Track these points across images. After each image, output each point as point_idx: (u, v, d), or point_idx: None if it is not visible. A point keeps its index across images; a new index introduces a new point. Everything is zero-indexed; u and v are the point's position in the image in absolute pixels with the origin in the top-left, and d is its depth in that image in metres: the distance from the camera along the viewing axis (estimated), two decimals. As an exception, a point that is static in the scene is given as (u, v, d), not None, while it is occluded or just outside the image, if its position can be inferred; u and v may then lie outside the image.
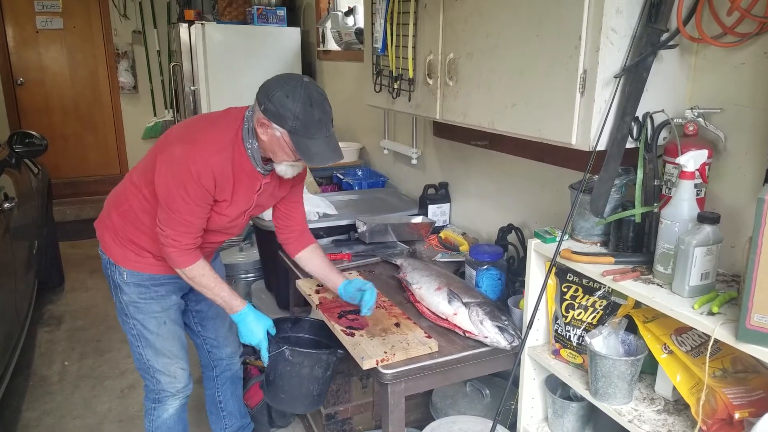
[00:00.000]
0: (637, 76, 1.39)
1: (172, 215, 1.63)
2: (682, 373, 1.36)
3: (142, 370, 1.93)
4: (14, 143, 3.36)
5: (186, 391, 1.97)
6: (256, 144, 1.65)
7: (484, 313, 1.72)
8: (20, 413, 2.69)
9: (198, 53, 3.90)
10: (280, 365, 1.76)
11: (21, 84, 5.89)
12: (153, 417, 1.97)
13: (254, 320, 1.75)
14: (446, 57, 1.88)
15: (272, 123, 1.55)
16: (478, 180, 2.48)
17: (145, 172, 1.75)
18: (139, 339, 1.87)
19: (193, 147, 1.61)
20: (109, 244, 1.83)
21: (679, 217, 1.33)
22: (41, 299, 3.81)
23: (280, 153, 1.61)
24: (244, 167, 1.68)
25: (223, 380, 2.20)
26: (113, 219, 1.82)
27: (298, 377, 1.77)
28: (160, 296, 1.86)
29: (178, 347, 1.92)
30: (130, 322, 1.86)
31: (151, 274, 1.82)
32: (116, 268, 1.81)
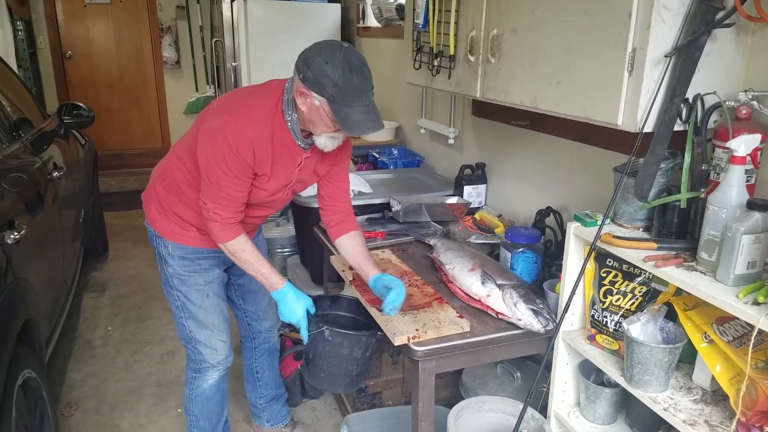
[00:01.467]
0: (689, 56, 1.33)
1: (213, 188, 1.64)
2: (722, 363, 1.33)
3: (185, 340, 1.97)
4: (63, 114, 3.45)
5: (226, 363, 2.01)
6: (296, 116, 1.62)
7: (519, 295, 1.71)
8: (65, 374, 2.82)
9: (240, 29, 3.93)
10: (320, 345, 1.76)
11: (69, 57, 6.05)
12: (193, 386, 2.02)
13: (294, 299, 1.74)
14: (489, 33, 1.85)
15: (311, 92, 1.52)
16: (517, 161, 2.45)
17: (188, 145, 1.77)
18: (182, 310, 1.90)
19: (230, 118, 1.60)
20: (155, 217, 1.85)
21: (726, 204, 1.28)
22: (86, 266, 3.95)
23: (319, 124, 1.57)
24: (284, 140, 1.65)
25: (261, 352, 2.25)
26: (158, 191, 1.85)
27: (337, 357, 1.77)
28: (204, 269, 1.88)
29: (220, 320, 1.95)
30: (174, 293, 1.89)
31: (195, 248, 1.85)
32: (161, 240, 1.84)
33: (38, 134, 2.94)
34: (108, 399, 2.63)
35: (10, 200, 2.12)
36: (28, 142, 2.71)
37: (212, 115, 1.66)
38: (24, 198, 2.28)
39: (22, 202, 2.22)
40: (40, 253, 2.30)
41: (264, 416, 2.32)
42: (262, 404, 2.31)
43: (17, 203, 2.17)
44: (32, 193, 2.41)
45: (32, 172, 2.52)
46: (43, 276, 2.32)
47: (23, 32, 5.22)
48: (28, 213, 2.23)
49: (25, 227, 2.01)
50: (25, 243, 2.02)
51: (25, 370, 1.82)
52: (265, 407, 2.31)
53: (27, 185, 2.39)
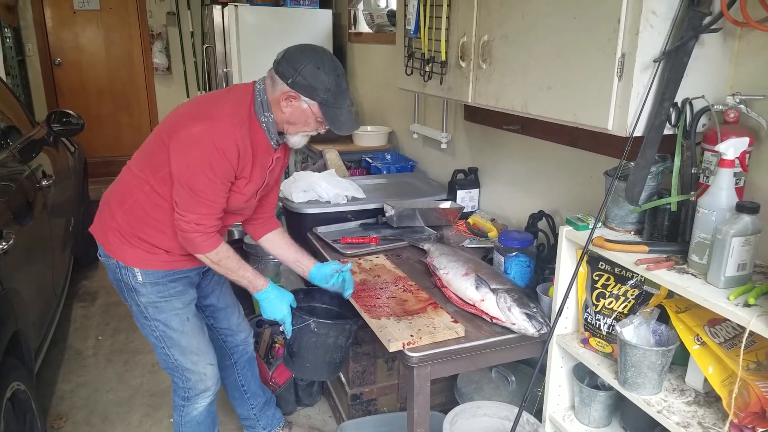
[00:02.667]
0: (677, 60, 1.35)
1: (195, 197, 1.59)
2: (714, 365, 1.34)
3: (170, 369, 1.88)
4: (52, 122, 3.43)
5: (215, 388, 1.95)
6: (272, 117, 1.65)
7: (512, 299, 1.71)
8: (55, 385, 2.79)
9: (231, 35, 3.94)
10: (305, 337, 1.79)
11: (59, 64, 6.02)
12: (183, 413, 1.96)
13: (277, 296, 1.76)
14: (480, 39, 1.86)
15: (301, 96, 1.58)
16: (509, 165, 2.46)
17: (149, 161, 1.70)
18: (162, 340, 1.81)
19: (213, 123, 1.58)
20: (117, 246, 1.74)
21: (716, 206, 1.29)
22: (76, 275, 3.92)
23: (300, 124, 1.65)
24: (259, 142, 1.67)
25: (242, 364, 2.19)
26: (117, 218, 1.74)
27: (323, 347, 1.81)
28: (179, 292, 1.80)
29: (204, 342, 1.89)
30: (151, 324, 1.79)
31: (166, 271, 1.76)
32: (128, 270, 1.73)
33: (27, 142, 2.93)
34: (99, 410, 2.61)
35: (-1, 209, 2.11)
36: (16, 150, 2.69)
37: (186, 123, 1.61)
38: (12, 207, 2.26)
39: (10, 212, 2.20)
40: (28, 262, 2.28)
41: (260, 425, 2.30)
42: (256, 414, 2.27)
43: (5, 212, 2.15)
44: (21, 202, 2.40)
45: (20, 180, 2.51)
46: (32, 286, 2.30)
47: (11, 39, 5.19)
48: (16, 222, 2.22)
49: (13, 237, 2.00)
50: (14, 253, 2.00)
51: (14, 383, 1.80)
52: (259, 416, 2.28)
53: (15, 194, 2.38)
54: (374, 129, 3.64)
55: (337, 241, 2.35)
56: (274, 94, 1.61)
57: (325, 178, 2.63)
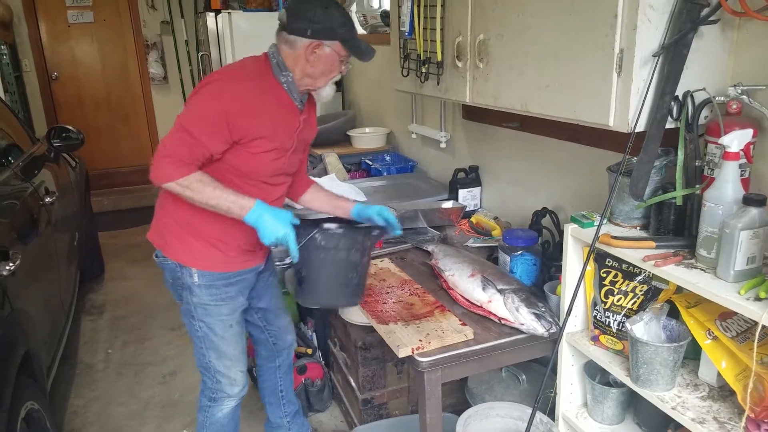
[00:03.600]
0: (676, 54, 1.34)
1: (182, 130, 1.56)
2: (727, 360, 1.33)
3: (203, 368, 1.92)
4: (52, 138, 3.43)
5: (242, 393, 1.98)
6: (291, 77, 1.67)
7: (520, 299, 1.70)
8: (68, 400, 2.79)
9: (225, 42, 3.92)
10: (314, 256, 1.59)
11: (56, 78, 6.02)
12: (208, 414, 1.98)
13: (272, 212, 1.60)
14: (476, 38, 1.85)
15: (324, 41, 1.62)
16: (510, 163, 2.45)
17: None
18: (203, 341, 1.85)
19: (221, 77, 1.63)
20: (176, 247, 1.76)
21: (723, 200, 1.28)
22: (83, 289, 3.92)
23: (328, 72, 1.68)
24: (281, 99, 1.68)
25: (284, 369, 2.23)
26: (175, 217, 1.75)
27: (334, 265, 1.61)
28: (230, 297, 1.82)
29: (240, 350, 1.92)
30: (196, 324, 1.83)
31: (221, 273, 1.78)
32: (186, 270, 1.76)
33: (28, 160, 2.92)
34: (112, 424, 2.61)
35: (3, 230, 2.10)
36: (18, 168, 2.69)
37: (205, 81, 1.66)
38: (17, 226, 2.26)
39: (15, 231, 2.20)
40: (36, 281, 2.28)
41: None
42: (288, 422, 2.29)
43: (10, 232, 2.15)
44: (25, 220, 2.39)
45: (24, 198, 2.50)
46: (41, 304, 2.30)
47: (8, 56, 5.19)
48: (21, 242, 2.22)
49: (20, 257, 1.99)
50: (21, 273, 2.00)
51: (28, 402, 1.80)
52: (291, 424, 2.30)
53: (19, 213, 2.37)
54: (372, 130, 3.63)
55: (342, 246, 2.34)
56: (296, 52, 1.64)
57: (326, 183, 2.63)
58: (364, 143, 3.55)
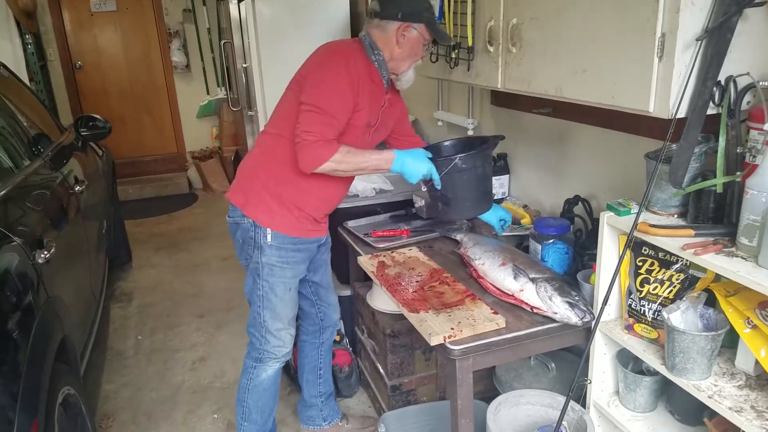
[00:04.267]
0: (720, 37, 1.30)
1: (321, 113, 1.70)
2: (767, 349, 1.30)
3: (254, 328, 2.02)
4: (79, 127, 3.47)
5: (288, 356, 2.08)
6: (382, 55, 1.83)
7: (553, 288, 1.69)
8: (100, 386, 2.85)
9: (248, 29, 3.90)
10: (456, 178, 1.82)
11: (80, 67, 6.08)
12: (252, 375, 2.06)
13: (411, 156, 1.81)
14: (509, 22, 1.81)
15: (412, 24, 1.79)
16: (540, 150, 2.42)
17: (286, 119, 1.83)
18: (262, 300, 1.96)
19: (336, 52, 1.80)
20: (256, 206, 1.89)
21: (766, 187, 1.25)
22: (111, 276, 3.99)
23: (413, 55, 1.85)
24: (373, 77, 1.83)
25: (326, 347, 2.32)
26: (260, 178, 1.89)
27: (475, 180, 1.86)
28: (295, 262, 1.95)
29: (292, 315, 2.03)
30: (260, 282, 1.94)
31: (293, 237, 1.91)
32: (261, 229, 1.89)
33: (57, 149, 2.96)
34: (143, 409, 2.66)
35: (37, 219, 2.14)
36: (48, 158, 2.72)
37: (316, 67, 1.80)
38: (49, 215, 2.30)
39: (48, 220, 2.23)
40: (69, 269, 2.32)
41: (322, 415, 2.35)
42: (322, 402, 2.34)
43: (44, 221, 2.18)
44: (57, 209, 2.43)
45: (55, 188, 2.54)
46: (74, 291, 2.34)
47: (32, 45, 5.25)
48: (54, 230, 2.25)
49: (54, 245, 2.03)
50: (55, 260, 2.03)
51: (65, 387, 1.84)
52: (324, 406, 2.35)
53: (51, 202, 2.41)
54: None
55: (369, 235, 2.35)
56: (387, 35, 1.81)
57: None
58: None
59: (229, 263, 4.24)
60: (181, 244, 4.69)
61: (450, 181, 1.83)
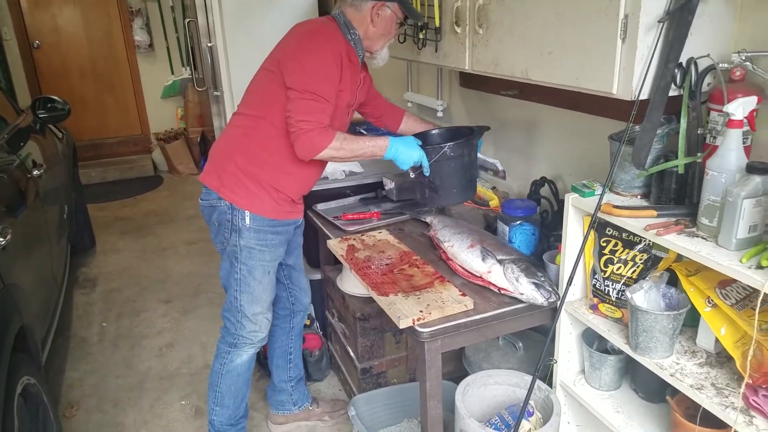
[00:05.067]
0: (681, 19, 1.31)
1: (313, 99, 1.69)
2: (726, 326, 1.34)
3: (229, 312, 1.99)
4: (37, 109, 3.36)
5: (263, 342, 2.06)
6: (357, 34, 1.84)
7: (520, 269, 1.70)
8: (63, 373, 2.79)
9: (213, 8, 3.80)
10: (444, 165, 1.88)
11: (37, 47, 5.86)
12: (226, 360, 2.03)
13: (404, 143, 1.84)
14: (475, 3, 1.80)
15: (386, 2, 1.80)
16: (508, 132, 2.42)
17: (265, 99, 1.82)
18: (240, 283, 1.93)
19: (317, 33, 1.78)
20: (232, 189, 1.86)
21: (726, 168, 1.27)
22: (74, 262, 3.90)
23: (386, 34, 1.87)
24: (351, 57, 1.82)
25: (296, 332, 2.31)
26: (236, 161, 1.85)
27: (462, 168, 1.92)
28: (274, 245, 1.93)
29: (270, 299, 2.02)
30: (238, 266, 1.92)
31: (270, 219, 1.89)
32: (239, 212, 1.86)
33: (14, 132, 2.86)
34: (109, 396, 2.62)
35: (-7, 204, 2.06)
36: (3, 141, 2.63)
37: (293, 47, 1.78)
38: (6, 200, 2.22)
39: (3, 205, 2.15)
40: (27, 255, 2.25)
41: (292, 399, 2.34)
42: (292, 387, 2.33)
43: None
44: (13, 194, 2.35)
45: (11, 171, 2.45)
46: (33, 278, 2.27)
47: (-14, 24, 5.05)
48: (11, 215, 2.18)
49: (10, 231, 1.96)
50: (12, 247, 1.97)
51: (24, 377, 1.79)
52: (293, 390, 2.34)
53: (8, 187, 2.33)
54: (366, 99, 3.57)
55: (338, 218, 2.33)
56: (361, 14, 1.82)
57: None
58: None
59: (196, 248, 4.17)
60: (146, 228, 4.60)
61: (439, 168, 1.88)
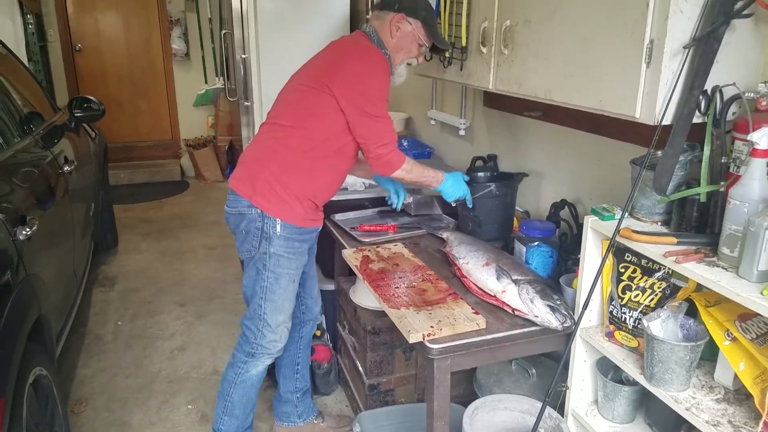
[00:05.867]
0: (707, 47, 1.29)
1: (381, 121, 1.81)
2: (746, 362, 1.30)
3: (251, 321, 1.97)
4: (74, 108, 3.45)
5: (279, 353, 2.06)
6: (388, 53, 1.89)
7: (535, 291, 1.67)
8: (76, 369, 2.82)
9: (249, 21, 3.89)
10: (488, 203, 2.11)
11: (79, 50, 6.05)
12: (241, 370, 2.02)
13: (455, 178, 2.03)
14: (502, 24, 1.81)
15: (407, 17, 1.85)
16: (529, 152, 2.41)
17: (301, 109, 1.86)
18: (265, 290, 1.93)
19: (368, 54, 1.84)
20: (265, 197, 1.86)
21: (749, 198, 1.24)
22: (96, 260, 3.96)
23: (405, 50, 1.91)
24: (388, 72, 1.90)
25: (305, 342, 2.30)
26: (271, 169, 1.87)
27: (503, 206, 2.14)
28: (301, 253, 1.95)
29: (291, 309, 2.01)
30: (265, 274, 1.91)
31: (300, 227, 1.90)
32: (271, 220, 1.87)
33: (49, 128, 2.94)
34: (118, 395, 2.63)
35: (22, 195, 2.11)
36: (39, 136, 2.70)
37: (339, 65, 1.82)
38: (35, 193, 2.27)
39: (33, 197, 2.21)
40: (51, 247, 2.30)
41: (297, 411, 2.32)
42: (297, 398, 2.31)
43: (28, 198, 2.16)
44: (43, 187, 2.41)
45: (43, 166, 2.52)
46: (54, 271, 2.31)
47: (33, 26, 5.22)
48: (39, 208, 2.23)
49: (37, 223, 2.00)
50: (37, 238, 2.01)
51: (36, 368, 1.81)
52: (299, 402, 2.31)
53: (38, 180, 2.39)
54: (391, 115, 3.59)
55: (355, 229, 2.33)
56: (383, 25, 1.88)
57: (344, 166, 2.61)
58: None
59: (215, 252, 4.21)
60: (169, 231, 4.67)
61: (483, 204, 2.11)
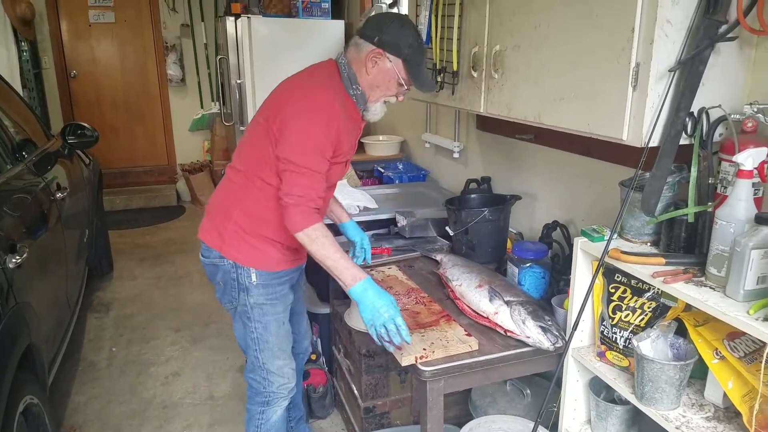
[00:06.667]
0: (692, 69, 1.32)
1: (303, 171, 1.59)
2: (734, 380, 1.30)
3: (254, 373, 1.90)
4: (67, 134, 3.47)
5: (294, 392, 1.97)
6: (360, 89, 1.71)
7: (527, 312, 1.68)
8: (69, 397, 2.79)
9: (244, 46, 3.94)
10: (483, 227, 2.11)
11: (74, 76, 6.09)
12: (261, 421, 1.94)
13: (377, 291, 1.59)
14: (492, 49, 1.84)
15: (387, 53, 1.66)
16: (522, 175, 2.44)
17: (256, 156, 1.72)
18: (257, 342, 1.84)
19: (314, 103, 1.62)
20: (235, 247, 1.76)
21: (735, 218, 1.26)
22: (91, 286, 3.95)
23: (383, 87, 1.71)
24: (351, 113, 1.72)
25: (296, 373, 2.20)
26: (235, 219, 1.76)
27: (497, 230, 2.15)
28: (283, 295, 1.85)
29: (289, 348, 1.93)
30: (252, 325, 1.83)
31: (276, 272, 1.81)
32: (244, 270, 1.77)
33: (42, 155, 2.95)
34: (112, 422, 2.61)
35: (13, 223, 2.12)
36: (31, 163, 2.71)
37: (284, 105, 1.65)
38: (26, 220, 2.27)
39: (24, 225, 2.21)
40: (42, 275, 2.29)
41: None
42: (292, 427, 2.28)
43: (19, 226, 2.16)
44: (35, 215, 2.41)
45: (35, 193, 2.52)
46: (46, 299, 2.31)
47: (28, 53, 5.27)
48: (30, 236, 2.23)
49: (27, 250, 2.00)
50: (28, 266, 2.01)
51: (27, 396, 1.80)
52: (294, 429, 2.29)
53: (30, 207, 2.39)
54: (386, 138, 3.64)
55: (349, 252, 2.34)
56: (360, 56, 1.68)
57: (338, 188, 2.62)
58: (377, 151, 3.56)
59: (211, 278, 4.20)
60: (164, 256, 4.66)
61: (477, 229, 2.11)
